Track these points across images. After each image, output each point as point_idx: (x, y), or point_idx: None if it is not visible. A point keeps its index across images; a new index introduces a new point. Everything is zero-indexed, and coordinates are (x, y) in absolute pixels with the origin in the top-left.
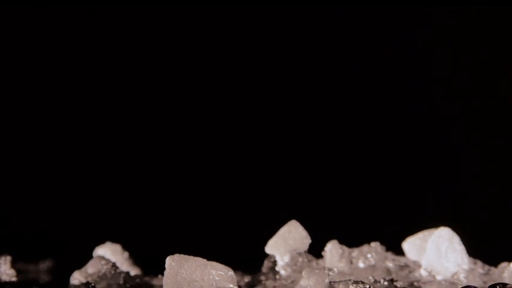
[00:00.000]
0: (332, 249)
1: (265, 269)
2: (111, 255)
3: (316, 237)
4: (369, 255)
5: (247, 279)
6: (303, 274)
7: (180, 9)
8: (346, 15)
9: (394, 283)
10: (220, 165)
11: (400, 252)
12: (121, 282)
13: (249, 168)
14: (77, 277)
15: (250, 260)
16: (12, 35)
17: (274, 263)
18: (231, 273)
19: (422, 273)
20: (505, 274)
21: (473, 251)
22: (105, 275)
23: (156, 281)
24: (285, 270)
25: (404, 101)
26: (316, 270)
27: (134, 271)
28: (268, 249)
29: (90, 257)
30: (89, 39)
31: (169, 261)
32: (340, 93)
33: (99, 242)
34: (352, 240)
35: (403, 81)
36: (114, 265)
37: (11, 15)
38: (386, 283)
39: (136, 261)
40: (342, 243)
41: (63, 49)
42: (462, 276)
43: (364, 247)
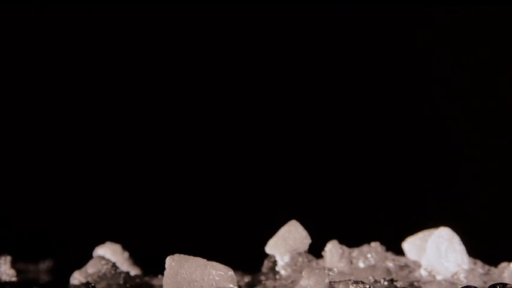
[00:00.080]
0: (332, 249)
1: (265, 269)
2: (111, 255)
3: (316, 237)
4: (369, 255)
5: (247, 279)
6: (303, 274)
7: (180, 9)
8: (346, 15)
9: (394, 283)
10: (220, 166)
11: (400, 252)
12: (121, 282)
13: (249, 169)
14: (77, 277)
15: (250, 260)
16: (12, 35)
17: (274, 263)
18: (231, 273)
19: (422, 273)
20: (505, 274)
21: (473, 251)
22: (105, 275)
23: (156, 281)
24: (285, 270)
25: (404, 101)
26: (316, 270)
27: (134, 271)
28: (268, 249)
29: (90, 257)
30: (89, 39)
31: (169, 261)
32: (340, 93)
33: (99, 242)
34: (352, 240)
35: (403, 81)
36: (114, 265)
37: (11, 15)
38: (386, 283)
39: (136, 261)
40: (342, 243)
41: (63, 49)
42: (462, 276)
43: (364, 247)
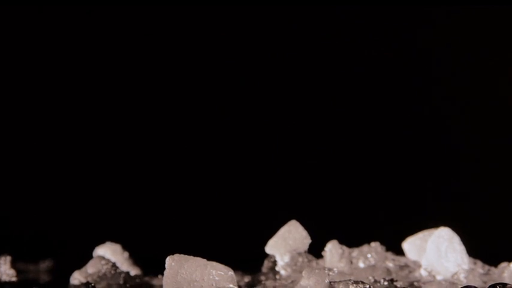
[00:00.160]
0: (332, 249)
1: (265, 269)
2: (111, 255)
3: (316, 237)
4: (369, 255)
5: (247, 279)
6: (303, 274)
7: (180, 9)
8: (346, 15)
9: (394, 283)
10: (220, 166)
11: (400, 252)
12: (121, 282)
13: (249, 169)
14: (77, 277)
15: (250, 260)
16: (12, 35)
17: (274, 263)
18: (231, 273)
19: (422, 273)
20: (505, 274)
21: (473, 251)
22: (105, 275)
23: (156, 281)
24: (285, 270)
25: (404, 101)
26: (316, 270)
27: (134, 271)
28: (268, 249)
29: (90, 257)
30: (89, 39)
31: (169, 261)
32: (340, 93)
33: (99, 242)
34: (352, 240)
35: (403, 81)
36: (114, 265)
37: (11, 15)
38: (386, 283)
39: (136, 261)
40: (342, 243)
41: (63, 49)
42: (462, 276)
43: (364, 247)
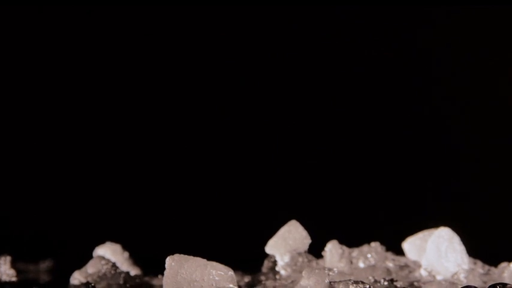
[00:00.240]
0: (332, 249)
1: (265, 269)
2: (111, 255)
3: (316, 237)
4: (369, 255)
5: (247, 279)
6: (303, 274)
7: (180, 9)
8: (346, 15)
9: (394, 283)
10: (220, 166)
11: (400, 252)
12: (121, 282)
13: (249, 169)
14: (77, 277)
15: (250, 260)
16: (12, 35)
17: (274, 263)
18: (231, 273)
19: (422, 273)
20: (505, 274)
21: (473, 251)
22: (105, 275)
23: (156, 281)
24: (285, 270)
25: (404, 101)
26: (316, 270)
27: (134, 271)
28: (268, 249)
29: (90, 257)
30: (89, 39)
31: (169, 261)
32: (340, 93)
33: (99, 242)
34: (352, 240)
35: (403, 81)
36: (114, 265)
37: (11, 15)
38: (386, 283)
39: (136, 261)
40: (342, 243)
41: (63, 49)
42: (462, 276)
43: (364, 247)
